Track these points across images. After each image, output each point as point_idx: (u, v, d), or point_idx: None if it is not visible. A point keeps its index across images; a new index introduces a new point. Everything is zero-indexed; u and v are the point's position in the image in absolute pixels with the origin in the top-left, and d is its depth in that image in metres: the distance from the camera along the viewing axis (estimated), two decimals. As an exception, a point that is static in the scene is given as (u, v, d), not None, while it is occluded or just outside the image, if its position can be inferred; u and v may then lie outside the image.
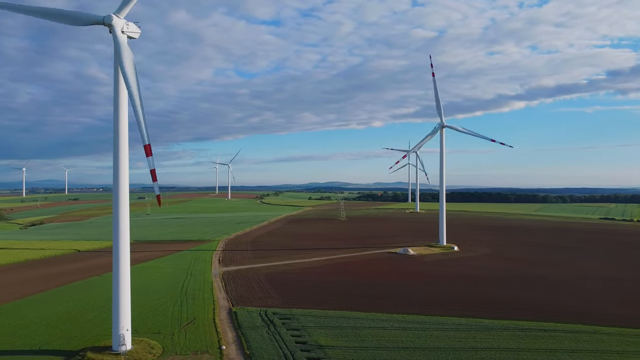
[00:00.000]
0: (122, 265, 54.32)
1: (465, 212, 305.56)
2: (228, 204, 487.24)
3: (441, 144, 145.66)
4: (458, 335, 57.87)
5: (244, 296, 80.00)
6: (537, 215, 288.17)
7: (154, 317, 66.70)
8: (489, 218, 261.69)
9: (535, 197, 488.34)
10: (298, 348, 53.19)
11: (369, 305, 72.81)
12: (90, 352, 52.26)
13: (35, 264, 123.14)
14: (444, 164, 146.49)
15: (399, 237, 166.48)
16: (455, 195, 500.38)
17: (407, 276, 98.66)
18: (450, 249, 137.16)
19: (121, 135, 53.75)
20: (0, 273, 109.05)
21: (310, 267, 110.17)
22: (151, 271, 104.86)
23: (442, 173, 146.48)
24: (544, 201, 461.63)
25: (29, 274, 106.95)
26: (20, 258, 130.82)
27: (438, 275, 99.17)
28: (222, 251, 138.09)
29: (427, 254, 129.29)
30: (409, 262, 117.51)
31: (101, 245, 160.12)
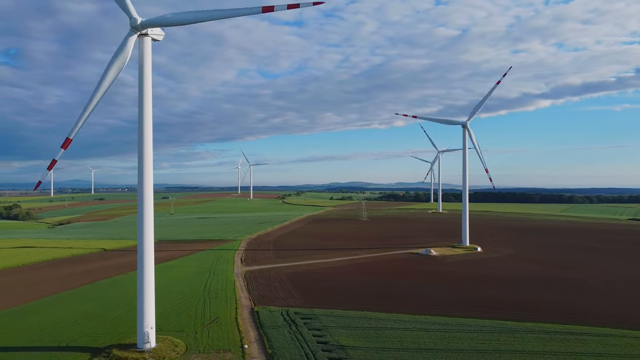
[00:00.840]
0: (146, 264, 55.17)
1: (489, 213, 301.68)
2: (250, 203, 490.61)
3: (464, 144, 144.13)
4: (481, 337, 57.18)
5: (266, 296, 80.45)
6: (563, 216, 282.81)
7: (178, 315, 67.57)
8: (513, 219, 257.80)
9: (561, 198, 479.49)
10: (319, 348, 53.25)
11: (390, 305, 72.48)
12: (116, 349, 53.24)
13: (63, 262, 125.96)
14: (466, 164, 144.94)
15: (421, 238, 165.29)
16: (478, 196, 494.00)
17: (429, 277, 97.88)
18: (473, 250, 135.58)
19: (145, 136, 54.56)
20: (29, 271, 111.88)
21: (332, 267, 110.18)
22: (175, 270, 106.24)
23: (465, 173, 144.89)
24: (570, 201, 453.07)
25: (56, 272, 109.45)
26: (49, 257, 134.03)
27: (461, 277, 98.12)
28: (245, 251, 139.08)
29: (449, 255, 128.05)
30: (431, 262, 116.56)
31: (126, 244, 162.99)
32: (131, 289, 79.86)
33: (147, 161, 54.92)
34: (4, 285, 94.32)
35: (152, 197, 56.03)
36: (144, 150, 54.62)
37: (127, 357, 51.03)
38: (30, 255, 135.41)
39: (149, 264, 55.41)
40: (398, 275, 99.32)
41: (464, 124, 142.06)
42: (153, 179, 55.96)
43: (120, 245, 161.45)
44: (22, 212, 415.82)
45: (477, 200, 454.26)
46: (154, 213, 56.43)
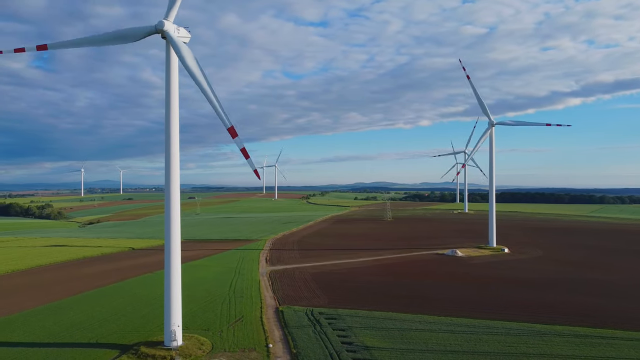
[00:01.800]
0: (173, 263, 55.96)
1: (516, 213, 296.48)
2: (275, 203, 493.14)
3: (490, 143, 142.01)
4: (508, 340, 56.21)
5: (290, 295, 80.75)
6: (594, 217, 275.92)
7: (204, 314, 68.39)
8: (541, 219, 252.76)
9: (591, 198, 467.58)
10: (344, 348, 53.18)
11: (415, 306, 71.92)
12: (144, 346, 54.18)
13: (93, 261, 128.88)
14: (493, 164, 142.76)
15: (446, 238, 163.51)
16: (505, 196, 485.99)
17: (455, 278, 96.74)
18: (500, 251, 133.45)
19: (172, 137, 55.35)
20: (61, 269, 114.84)
21: (356, 267, 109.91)
22: (201, 269, 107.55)
23: (492, 173, 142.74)
24: (601, 202, 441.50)
25: (87, 270, 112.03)
26: (79, 255, 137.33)
27: (487, 278, 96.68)
28: (269, 250, 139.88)
29: (476, 256, 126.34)
30: (457, 263, 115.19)
31: (153, 243, 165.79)
32: (158, 287, 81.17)
33: (173, 162, 55.71)
34: (36, 282, 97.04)
35: (179, 198, 56.80)
36: (170, 151, 55.43)
37: (155, 354, 51.88)
38: (61, 254, 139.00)
39: (176, 263, 56.20)
40: (423, 276, 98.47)
41: (492, 123, 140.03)
42: (180, 179, 56.79)
43: (148, 244, 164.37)
44: (54, 211, 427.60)
45: (504, 200, 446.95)
46: (180, 213, 57.21)
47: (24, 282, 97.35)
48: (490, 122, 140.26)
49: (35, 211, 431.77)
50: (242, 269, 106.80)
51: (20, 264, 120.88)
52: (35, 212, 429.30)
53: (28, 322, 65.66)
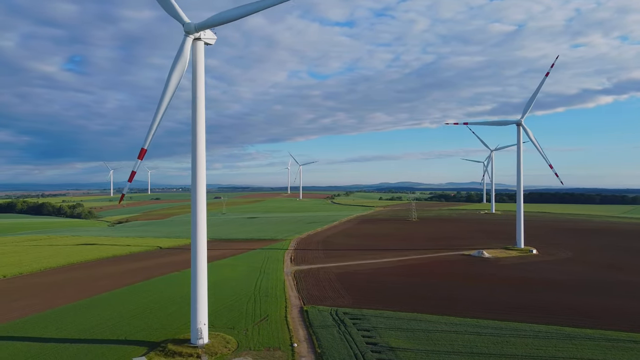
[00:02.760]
0: (199, 262, 56.73)
1: (545, 214, 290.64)
2: (299, 203, 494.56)
3: (518, 143, 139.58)
4: (537, 343, 55.16)
5: (315, 295, 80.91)
6: (625, 218, 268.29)
7: (229, 313, 69.10)
8: (571, 220, 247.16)
9: (623, 199, 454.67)
10: (369, 349, 53.03)
11: (441, 308, 71.21)
12: (171, 344, 55.07)
13: (121, 259, 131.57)
14: (521, 163, 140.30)
15: (473, 239, 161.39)
16: (534, 196, 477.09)
17: (481, 279, 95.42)
18: (528, 252, 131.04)
19: (199, 138, 56.12)
20: (91, 267, 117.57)
21: (381, 267, 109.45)
22: (227, 269, 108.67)
23: (520, 172, 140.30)
24: (634, 202, 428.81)
25: (116, 268, 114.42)
26: (108, 254, 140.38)
27: (515, 279, 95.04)
28: (294, 250, 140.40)
29: (503, 257, 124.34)
30: (484, 265, 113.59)
31: (180, 242, 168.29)
32: (185, 286, 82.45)
33: (200, 162, 56.47)
34: (68, 280, 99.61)
35: (205, 198, 57.55)
36: (197, 151, 56.20)
37: (182, 352, 52.67)
38: (92, 253, 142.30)
39: (202, 263, 56.96)
40: (449, 277, 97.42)
41: (519, 122, 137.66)
42: (206, 179, 57.54)
43: (175, 243, 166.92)
44: (85, 211, 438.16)
45: (533, 200, 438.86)
46: (206, 213, 57.97)
47: (55, 280, 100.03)
48: (518, 120, 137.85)
49: (66, 210, 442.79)
50: (267, 269, 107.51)
51: (52, 262, 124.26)
52: (66, 212, 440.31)
53: (60, 319, 67.44)
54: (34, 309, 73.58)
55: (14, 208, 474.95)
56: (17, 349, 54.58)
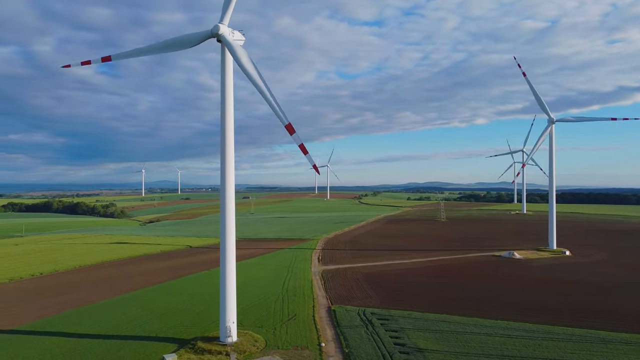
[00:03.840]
0: (228, 261, 57.40)
1: (578, 214, 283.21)
2: (327, 203, 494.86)
3: (550, 141, 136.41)
4: (570, 347, 53.84)
5: (342, 295, 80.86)
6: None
7: (258, 311, 69.69)
8: (605, 221, 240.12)
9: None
10: (397, 350, 52.71)
11: (470, 309, 70.23)
12: (201, 341, 55.89)
13: (152, 258, 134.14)
14: (553, 163, 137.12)
15: (503, 240, 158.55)
16: (566, 196, 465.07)
17: (512, 281, 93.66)
18: (561, 254, 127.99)
19: (227, 138, 56.75)
20: (124, 265, 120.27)
21: (409, 268, 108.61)
22: (255, 268, 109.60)
23: (552, 172, 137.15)
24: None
25: (147, 266, 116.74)
26: (140, 252, 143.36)
27: (547, 281, 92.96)
28: (322, 250, 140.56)
29: (534, 259, 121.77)
30: (515, 266, 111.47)
31: (209, 242, 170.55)
32: (214, 284, 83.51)
33: (229, 163, 57.11)
34: (102, 277, 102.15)
35: (234, 197, 58.18)
36: (226, 152, 56.85)
37: (211, 349, 53.39)
38: (124, 251, 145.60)
39: (231, 262, 57.61)
40: (478, 279, 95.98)
41: (552, 120, 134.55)
42: (234, 179, 58.14)
43: (204, 242, 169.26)
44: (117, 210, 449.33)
45: (566, 201, 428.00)
46: (235, 212, 58.59)
47: (90, 277, 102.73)
48: (550, 119, 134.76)
49: (100, 210, 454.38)
50: (294, 268, 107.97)
51: (86, 260, 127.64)
52: (100, 211, 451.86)
53: (94, 315, 69.22)
54: (69, 306, 75.77)
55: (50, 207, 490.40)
56: (54, 344, 56.28)
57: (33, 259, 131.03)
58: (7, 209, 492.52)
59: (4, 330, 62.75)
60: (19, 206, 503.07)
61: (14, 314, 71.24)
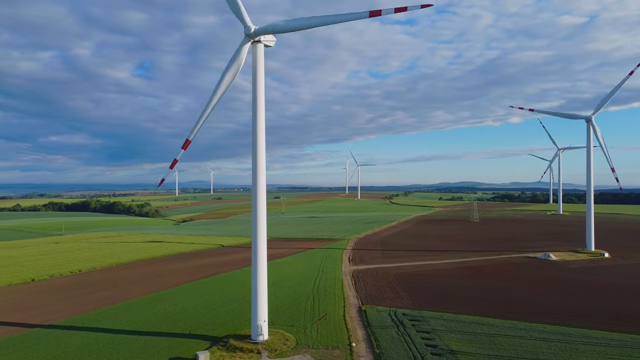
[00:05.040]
0: (260, 261, 57.93)
1: (618, 215, 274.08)
2: (358, 203, 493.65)
3: (588, 140, 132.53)
4: (610, 352, 52.16)
5: (373, 295, 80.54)
6: None
7: (288, 310, 70.09)
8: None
9: None
10: (428, 351, 52.15)
11: (504, 312, 68.87)
12: (233, 339, 56.57)
13: (186, 256, 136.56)
14: (591, 162, 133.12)
15: (538, 241, 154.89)
16: (605, 197, 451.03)
17: (548, 283, 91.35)
18: (599, 256, 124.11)
19: (259, 139, 57.27)
20: (158, 264, 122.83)
21: (441, 269, 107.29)
22: (286, 267, 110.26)
23: (590, 171, 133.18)
24: None
25: (180, 265, 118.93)
26: (174, 251, 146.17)
27: (584, 284, 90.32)
28: (352, 250, 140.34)
29: (571, 260, 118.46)
30: (551, 268, 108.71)
31: (241, 241, 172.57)
32: (246, 283, 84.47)
33: (260, 163, 57.63)
34: (136, 275, 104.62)
35: (265, 197, 58.69)
36: (257, 152, 57.38)
37: (243, 347, 53.98)
38: (158, 249, 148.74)
39: (262, 261, 58.13)
40: (513, 280, 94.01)
41: (589, 118, 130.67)
42: (266, 179, 58.63)
43: (236, 242, 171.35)
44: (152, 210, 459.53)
45: (604, 201, 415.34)
46: (266, 212, 59.09)
47: (125, 275, 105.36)
48: (588, 116, 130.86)
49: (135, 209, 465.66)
50: (325, 268, 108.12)
51: (122, 258, 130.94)
52: (135, 210, 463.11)
53: (130, 312, 70.96)
54: (106, 302, 77.89)
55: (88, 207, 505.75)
56: (92, 339, 57.96)
57: (72, 257, 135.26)
58: (48, 208, 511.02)
59: (45, 325, 65.02)
60: (59, 205, 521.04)
61: (54, 310, 73.72)
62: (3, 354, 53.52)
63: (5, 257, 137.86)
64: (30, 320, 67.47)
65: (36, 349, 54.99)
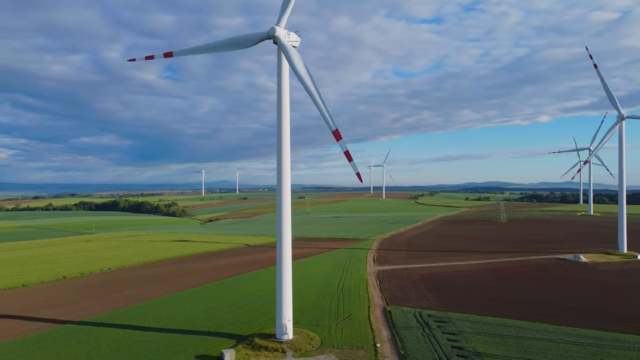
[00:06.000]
0: (284, 260, 58.21)
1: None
2: (382, 203, 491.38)
3: (620, 138, 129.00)
4: (642, 356, 50.67)
5: (398, 296, 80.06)
6: None
7: (313, 310, 70.23)
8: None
9: None
10: (454, 353, 51.57)
11: (532, 314, 67.57)
12: (258, 338, 56.99)
13: (212, 255, 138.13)
14: (623, 161, 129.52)
15: (568, 243, 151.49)
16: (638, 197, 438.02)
17: (578, 285, 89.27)
18: (632, 258, 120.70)
19: (284, 139, 57.55)
20: (185, 262, 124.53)
21: (467, 270, 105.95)
22: (311, 267, 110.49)
23: (622, 171, 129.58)
24: None
25: (206, 264, 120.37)
26: (200, 250, 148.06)
27: (616, 287, 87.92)
28: (377, 250, 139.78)
29: (603, 262, 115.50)
30: (581, 270, 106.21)
31: (266, 240, 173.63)
32: (271, 282, 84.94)
33: (285, 163, 57.91)
34: (164, 274, 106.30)
35: (290, 197, 58.94)
36: (282, 152, 57.68)
37: (268, 346, 54.33)
38: (185, 248, 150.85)
39: (287, 261, 58.39)
40: (541, 282, 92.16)
41: (622, 116, 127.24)
42: (290, 179, 58.88)
43: (261, 241, 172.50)
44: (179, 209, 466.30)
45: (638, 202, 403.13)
46: (291, 212, 59.32)
47: (153, 273, 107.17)
48: (620, 115, 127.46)
49: (162, 209, 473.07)
50: (350, 268, 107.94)
51: (150, 256, 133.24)
52: (162, 210, 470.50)
53: (157, 310, 72.19)
54: (135, 300, 79.41)
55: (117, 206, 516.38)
56: (121, 336, 59.18)
57: (102, 255, 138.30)
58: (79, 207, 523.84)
59: (76, 321, 66.68)
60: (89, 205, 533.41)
61: (85, 307, 75.53)
62: (37, 349, 55.13)
63: (38, 255, 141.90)
64: (62, 317, 69.31)
65: (68, 344, 56.44)
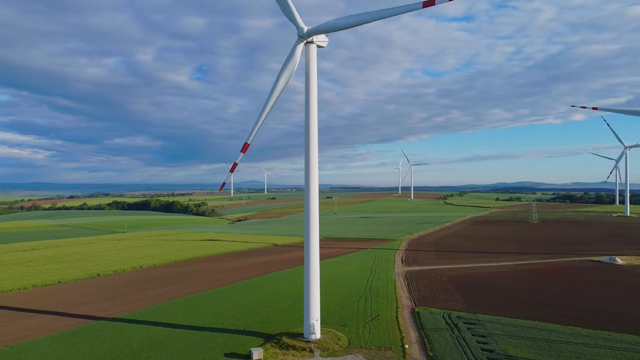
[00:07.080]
0: (312, 260, 58.37)
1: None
2: (411, 204, 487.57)
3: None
4: (682, 363, 48.88)
5: (426, 297, 79.32)
6: None
7: (341, 310, 70.22)
8: None
9: None
10: (484, 356, 50.78)
11: (565, 317, 65.97)
12: (285, 337, 57.33)
13: (241, 255, 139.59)
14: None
15: (603, 244, 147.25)
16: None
17: (613, 288, 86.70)
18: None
19: (311, 139, 57.72)
20: (214, 261, 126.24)
21: (497, 271, 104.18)
22: (338, 267, 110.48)
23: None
24: None
25: (235, 263, 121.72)
26: (229, 249, 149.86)
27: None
28: (405, 251, 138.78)
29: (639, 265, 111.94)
30: (617, 272, 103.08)
31: (294, 240, 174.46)
32: (298, 282, 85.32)
33: (313, 163, 58.08)
34: (194, 272, 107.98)
35: (317, 197, 59.07)
36: (310, 152, 57.86)
37: (295, 345, 54.59)
38: (214, 247, 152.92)
39: (315, 260, 58.53)
40: (575, 284, 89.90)
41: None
42: (318, 179, 59.03)
43: (289, 241, 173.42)
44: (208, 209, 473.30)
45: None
46: (319, 212, 59.46)
47: (183, 271, 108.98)
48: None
49: (192, 209, 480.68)
50: (377, 268, 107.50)
51: (180, 255, 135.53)
52: (192, 210, 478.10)
53: (187, 307, 73.39)
54: (166, 297, 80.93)
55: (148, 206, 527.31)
56: (152, 333, 60.41)
57: (134, 254, 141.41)
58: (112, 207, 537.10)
59: (109, 318, 68.38)
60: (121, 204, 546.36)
61: (117, 304, 77.38)
62: (72, 344, 56.75)
63: (73, 253, 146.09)
64: (96, 313, 71.18)
65: (101, 340, 57.93)
